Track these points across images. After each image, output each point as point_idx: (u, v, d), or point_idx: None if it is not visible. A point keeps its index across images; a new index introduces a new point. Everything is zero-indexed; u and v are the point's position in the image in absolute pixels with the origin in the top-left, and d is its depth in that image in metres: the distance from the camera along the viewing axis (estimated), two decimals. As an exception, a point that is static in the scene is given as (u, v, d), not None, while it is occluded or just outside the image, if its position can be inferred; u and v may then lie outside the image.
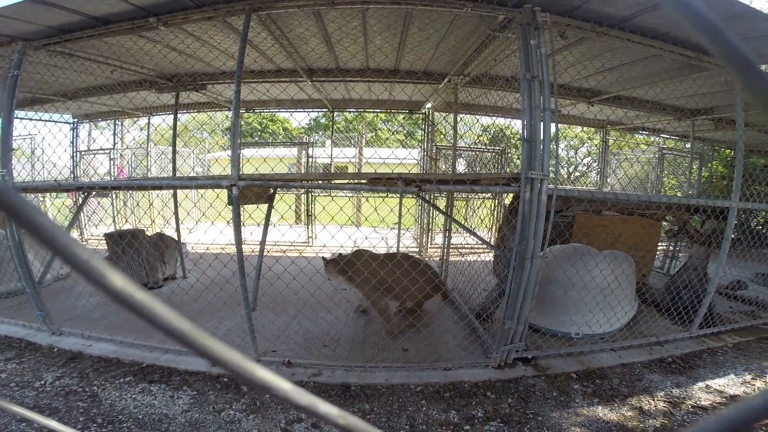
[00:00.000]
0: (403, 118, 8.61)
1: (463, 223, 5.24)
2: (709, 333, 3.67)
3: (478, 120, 5.88)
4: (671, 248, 6.08)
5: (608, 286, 3.34)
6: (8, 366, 2.96)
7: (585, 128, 11.33)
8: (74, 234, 7.09)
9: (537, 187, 2.54)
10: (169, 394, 2.63)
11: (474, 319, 3.66)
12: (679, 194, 7.82)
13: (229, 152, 2.80)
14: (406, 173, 2.59)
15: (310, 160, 7.55)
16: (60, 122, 7.07)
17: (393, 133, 19.83)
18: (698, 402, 2.68)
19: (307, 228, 7.12)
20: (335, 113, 7.27)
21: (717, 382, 2.93)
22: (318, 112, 7.64)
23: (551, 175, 2.63)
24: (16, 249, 3.10)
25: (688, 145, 6.83)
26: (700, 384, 2.91)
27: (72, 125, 7.17)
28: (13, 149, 3.32)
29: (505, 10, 2.80)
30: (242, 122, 7.08)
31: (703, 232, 3.89)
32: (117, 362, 2.99)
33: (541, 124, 2.57)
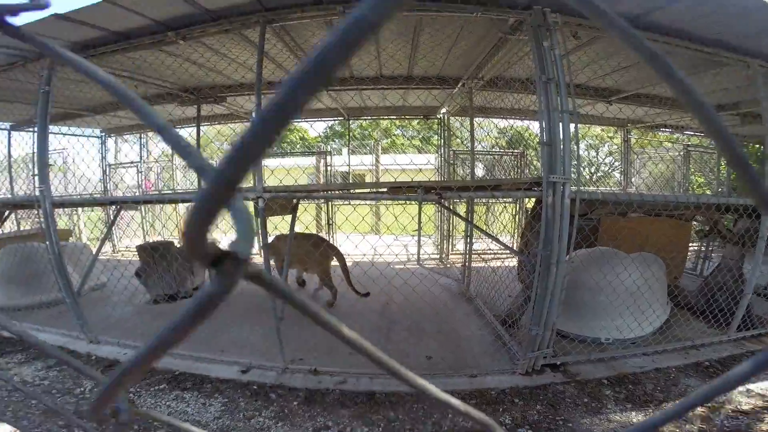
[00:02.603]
0: (418, 123, 8.64)
1: (484, 228, 5.21)
2: (749, 336, 3.52)
3: (495, 124, 5.86)
4: (703, 249, 5.88)
5: (638, 290, 3.26)
6: (50, 373, 3.10)
7: (605, 128, 11.09)
8: (107, 246, 7.38)
9: (559, 191, 2.51)
10: (202, 402, 2.70)
11: (499, 325, 3.63)
12: (708, 192, 7.54)
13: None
14: (425, 181, 2.62)
15: (329, 168, 7.67)
16: (90, 137, 7.39)
17: (409, 139, 19.87)
18: (738, 406, 2.57)
19: (329, 237, 7.20)
20: (351, 121, 7.37)
21: (759, 386, 2.80)
22: (334, 120, 7.78)
23: (573, 177, 2.61)
24: (56, 260, 3.27)
25: (714, 142, 6.59)
26: (740, 388, 2.78)
27: (101, 139, 7.49)
28: (49, 165, 3.51)
29: (515, 12, 2.80)
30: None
31: (736, 232, 3.75)
32: (151, 370, 3.10)
33: (560, 126, 2.55)
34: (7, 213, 4.58)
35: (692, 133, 6.99)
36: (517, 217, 6.37)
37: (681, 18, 2.84)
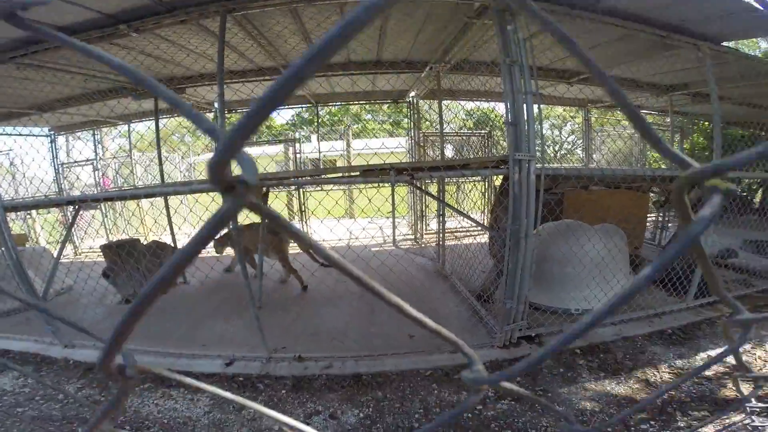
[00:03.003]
0: (388, 107, 8.65)
1: (456, 206, 5.34)
2: (705, 303, 3.73)
3: (462, 105, 5.95)
4: (660, 219, 6.19)
5: (602, 260, 3.43)
6: (29, 381, 2.98)
7: (567, 108, 11.49)
8: (68, 248, 7.01)
9: (525, 168, 2.62)
10: (189, 398, 2.69)
11: (475, 301, 3.75)
12: (663, 166, 8.05)
13: (211, 155, 2.85)
14: (397, 163, 2.66)
15: (299, 156, 7.56)
16: (38, 136, 6.89)
17: (380, 124, 19.79)
18: (702, 372, 2.74)
19: (303, 224, 7.15)
20: (320, 108, 7.27)
21: (718, 352, 3.05)
22: (301, 107, 7.62)
23: (538, 155, 2.73)
24: (15, 267, 3.10)
25: (668, 120, 7.01)
26: (702, 354, 2.99)
27: (50, 137, 7.02)
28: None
29: None
30: (226, 123, 7.06)
31: (690, 201, 4.02)
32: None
33: (524, 106, 2.65)
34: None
35: (647, 112, 7.38)
36: (486, 194, 6.57)
37: (634, 3, 2.97)
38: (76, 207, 3.87)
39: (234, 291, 3.79)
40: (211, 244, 4.14)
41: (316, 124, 8.02)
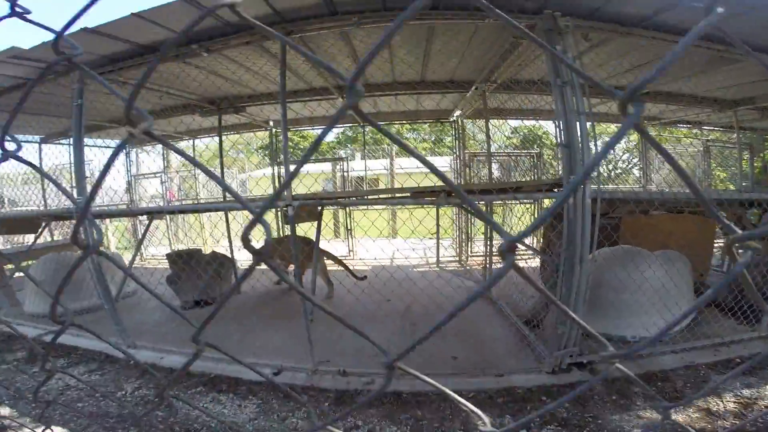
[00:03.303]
0: (430, 125, 8.71)
1: (506, 229, 5.19)
2: None
3: (506, 122, 5.89)
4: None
5: (663, 287, 3.24)
6: (92, 377, 3.25)
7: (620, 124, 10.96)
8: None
9: (580, 192, 2.55)
10: (237, 403, 2.79)
11: (523, 326, 3.66)
12: (731, 188, 7.40)
13: (263, 171, 3.01)
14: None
15: (346, 174, 7.79)
16: (114, 148, 7.61)
17: (421, 142, 19.92)
18: None
19: (347, 241, 7.30)
20: (365, 126, 7.47)
21: None
22: (346, 126, 7.90)
23: (593, 176, 2.65)
24: (96, 270, 3.42)
25: (734, 136, 6.50)
26: None
27: (126, 150, 7.75)
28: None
29: (526, 17, 2.84)
30: (276, 140, 7.50)
31: (762, 226, 3.69)
32: (188, 373, 3.22)
33: (578, 128, 2.59)
34: (44, 224, 4.80)
35: (711, 128, 6.89)
36: (536, 216, 6.37)
37: (689, 18, 2.83)
38: (151, 217, 4.23)
39: (282, 303, 3.94)
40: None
41: (361, 142, 8.23)
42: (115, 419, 2.64)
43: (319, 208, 3.68)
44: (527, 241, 5.95)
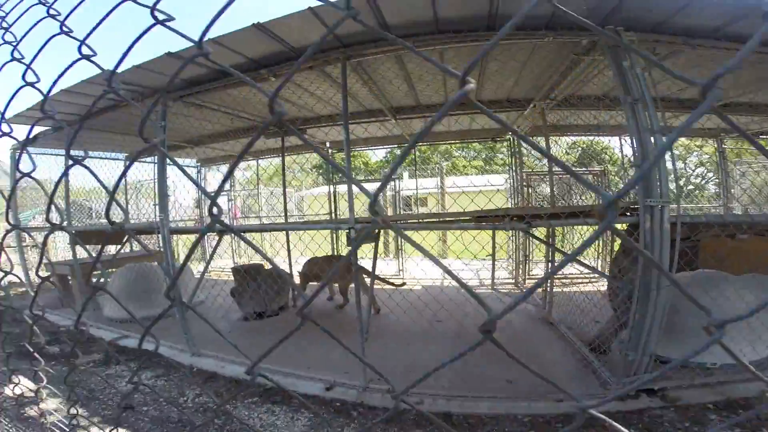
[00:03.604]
0: (480, 144, 8.58)
1: (568, 252, 4.95)
2: None
3: (561, 138, 5.66)
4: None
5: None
6: (158, 382, 3.45)
7: (691, 137, 10.08)
8: (201, 266, 8.16)
9: (657, 216, 2.37)
10: (290, 416, 2.85)
11: (587, 350, 3.47)
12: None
13: (316, 190, 3.11)
14: (512, 208, 2.62)
15: (396, 194, 7.88)
16: (188, 166, 8.29)
17: (470, 161, 19.68)
18: None
19: (397, 261, 7.32)
20: (414, 146, 7.51)
21: None
22: (395, 146, 8.02)
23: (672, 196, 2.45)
24: (172, 282, 3.70)
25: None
26: None
27: (197, 168, 8.44)
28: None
29: (588, 34, 2.80)
30: (333, 159, 7.80)
31: None
32: (245, 383, 3.35)
33: (653, 146, 2.43)
34: (126, 237, 5.33)
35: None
36: (603, 239, 5.96)
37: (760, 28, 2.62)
38: (220, 233, 4.51)
39: (335, 319, 4.01)
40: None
41: (409, 161, 8.29)
42: (175, 425, 2.77)
43: (376, 230, 3.74)
44: (594, 264, 5.59)
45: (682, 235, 2.42)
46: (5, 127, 0.86)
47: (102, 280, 5.76)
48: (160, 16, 0.56)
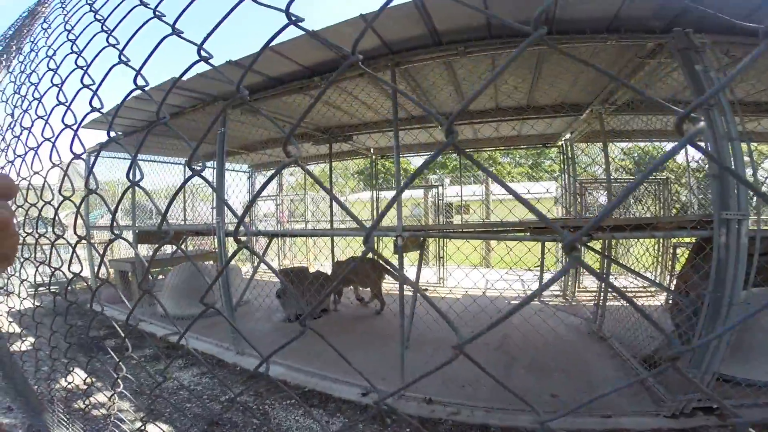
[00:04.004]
0: (526, 150, 8.25)
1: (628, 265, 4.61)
2: None
3: (615, 144, 5.30)
4: None
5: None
6: (203, 380, 3.58)
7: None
8: (248, 267, 8.52)
9: (734, 229, 2.15)
10: (326, 419, 2.85)
11: (639, 366, 3.29)
12: None
13: (359, 195, 3.11)
14: (573, 219, 2.48)
15: (440, 201, 7.79)
16: (239, 171, 8.70)
17: (516, 167, 19.03)
18: None
19: (439, 269, 7.20)
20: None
21: None
22: (444, 154, 7.92)
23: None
24: (223, 280, 3.86)
25: None
26: None
27: (249, 174, 8.84)
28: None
29: (654, 37, 2.66)
30: (375, 166, 7.88)
31: None
32: (285, 384, 3.41)
33: (731, 155, 2.21)
34: (183, 237, 5.68)
35: None
36: (663, 252, 5.50)
37: None
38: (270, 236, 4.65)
39: (372, 324, 4.00)
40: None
41: (450, 168, 8.16)
42: (215, 423, 2.85)
43: (421, 238, 3.71)
44: (653, 277, 5.20)
45: (763, 249, 2.17)
46: (78, 148, 0.94)
47: (160, 277, 6.21)
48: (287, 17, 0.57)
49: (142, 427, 1.13)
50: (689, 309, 2.56)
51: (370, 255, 5.73)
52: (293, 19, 0.54)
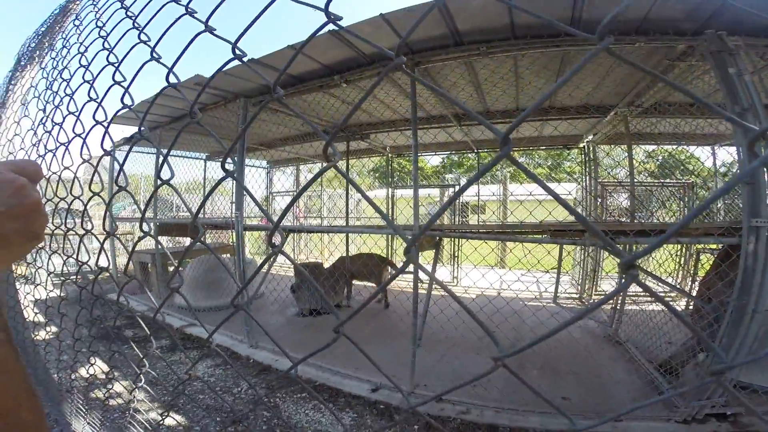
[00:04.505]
0: (547, 151, 8.10)
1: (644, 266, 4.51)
2: None
3: (639, 146, 5.17)
4: None
5: None
6: (216, 371, 3.65)
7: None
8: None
9: (764, 237, 2.08)
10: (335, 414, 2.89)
11: (653, 370, 3.25)
12: None
13: (375, 192, 3.10)
14: (594, 223, 2.43)
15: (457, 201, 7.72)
16: (258, 167, 8.82)
17: (535, 168, 18.74)
18: None
19: (453, 268, 7.16)
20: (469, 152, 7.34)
21: None
22: (452, 152, 7.88)
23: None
24: (240, 273, 3.92)
25: None
26: None
27: (267, 170, 8.96)
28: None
29: (685, 40, 2.58)
30: (390, 165, 7.89)
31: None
32: (298, 378, 3.44)
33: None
34: (203, 230, 5.78)
35: None
36: (685, 257, 5.34)
37: None
38: (287, 231, 4.71)
39: (383, 321, 4.02)
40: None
41: (467, 167, 8.08)
42: (227, 414, 2.91)
43: (437, 238, 3.70)
44: (674, 282, 5.08)
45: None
46: (107, 144, 0.97)
47: (180, 269, 6.38)
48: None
49: (161, 421, 1.17)
50: (711, 316, 2.50)
51: (376, 252, 5.87)
52: (332, 17, 0.55)
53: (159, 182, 0.81)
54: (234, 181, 4.01)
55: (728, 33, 2.39)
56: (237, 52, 0.67)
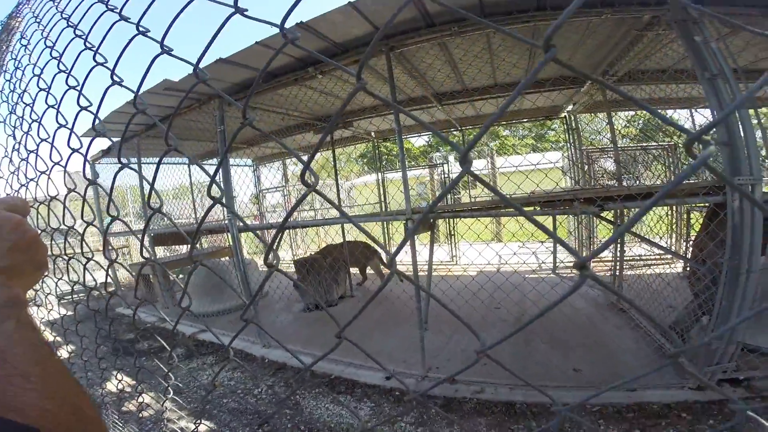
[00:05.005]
0: (529, 122, 8.13)
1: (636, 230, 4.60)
2: None
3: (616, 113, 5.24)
4: None
5: None
6: (235, 374, 3.69)
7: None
8: (259, 260, 8.63)
9: (748, 193, 2.13)
10: (354, 405, 2.96)
11: (661, 337, 3.28)
12: None
13: (364, 179, 3.10)
14: (581, 190, 2.48)
15: (445, 179, 7.76)
16: (244, 166, 8.63)
17: (520, 139, 18.80)
18: None
19: (451, 247, 7.23)
20: (455, 130, 7.34)
21: None
22: (439, 131, 7.83)
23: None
24: (242, 276, 3.94)
25: None
26: None
27: (253, 167, 8.86)
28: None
29: (650, 9, 2.61)
30: (377, 150, 7.87)
31: None
32: (312, 373, 3.50)
33: (740, 123, 2.20)
34: (198, 237, 5.76)
35: None
36: (674, 218, 5.45)
37: None
38: (282, 228, 4.72)
39: (391, 307, 4.07)
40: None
41: (460, 144, 8.07)
42: (252, 416, 2.96)
43: (431, 220, 3.73)
44: (667, 243, 5.19)
45: (779, 215, 2.15)
46: (75, 143, 0.96)
47: (181, 276, 6.33)
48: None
49: (195, 429, 1.21)
50: (707, 278, 2.56)
51: (360, 238, 5.97)
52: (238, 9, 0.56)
53: (150, 212, 0.82)
54: (222, 185, 3.99)
55: (693, 1, 2.40)
56: (200, 75, 0.68)
